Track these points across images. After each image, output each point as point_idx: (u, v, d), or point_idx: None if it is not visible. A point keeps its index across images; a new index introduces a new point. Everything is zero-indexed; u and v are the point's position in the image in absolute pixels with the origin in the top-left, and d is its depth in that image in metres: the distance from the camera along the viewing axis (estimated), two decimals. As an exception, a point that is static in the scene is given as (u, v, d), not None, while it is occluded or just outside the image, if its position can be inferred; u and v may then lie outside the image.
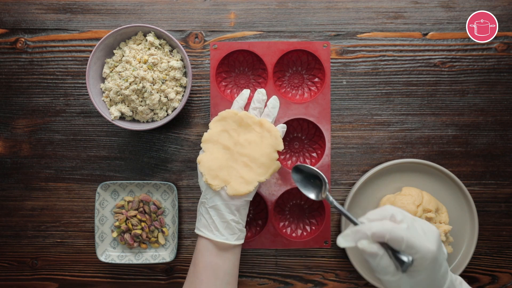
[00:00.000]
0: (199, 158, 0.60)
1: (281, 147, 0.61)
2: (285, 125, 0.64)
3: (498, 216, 0.73)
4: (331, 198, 0.55)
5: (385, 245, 0.44)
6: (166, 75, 0.65)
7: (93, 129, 0.73)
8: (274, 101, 0.64)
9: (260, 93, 0.64)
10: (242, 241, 0.60)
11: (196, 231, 0.60)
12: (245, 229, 0.61)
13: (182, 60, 0.67)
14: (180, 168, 0.73)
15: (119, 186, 0.72)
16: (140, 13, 0.72)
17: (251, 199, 0.61)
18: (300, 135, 0.74)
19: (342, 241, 0.45)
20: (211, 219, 0.58)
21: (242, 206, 0.60)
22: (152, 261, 0.71)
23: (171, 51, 0.68)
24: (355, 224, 0.47)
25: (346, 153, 0.73)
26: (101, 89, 0.67)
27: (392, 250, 0.44)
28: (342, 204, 0.72)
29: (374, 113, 0.73)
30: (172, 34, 0.69)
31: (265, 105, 0.65)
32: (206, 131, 0.62)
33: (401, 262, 0.43)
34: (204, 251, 0.58)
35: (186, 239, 0.73)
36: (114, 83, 0.65)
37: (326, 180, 0.59)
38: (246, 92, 0.65)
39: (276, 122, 0.71)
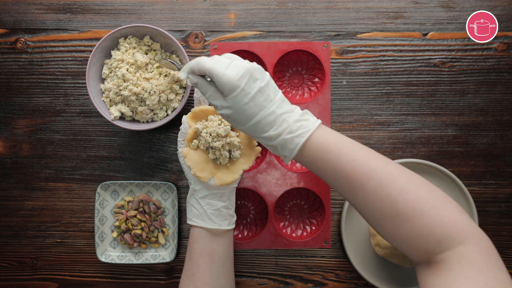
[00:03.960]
0: (185, 152, 0.61)
1: None
2: None
3: (498, 216, 0.73)
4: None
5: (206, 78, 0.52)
6: (169, 83, 0.66)
7: (93, 129, 0.73)
8: None
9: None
10: (233, 226, 0.62)
11: (189, 221, 0.62)
12: (235, 213, 0.63)
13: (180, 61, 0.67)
14: (180, 168, 0.73)
15: (119, 186, 0.72)
16: (140, 13, 0.72)
17: (237, 185, 0.63)
18: (300, 135, 0.74)
19: (181, 73, 0.53)
20: (202, 208, 0.60)
21: (230, 192, 0.62)
22: (152, 261, 0.71)
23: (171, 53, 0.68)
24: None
25: (346, 153, 0.73)
26: (101, 89, 0.67)
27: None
28: (342, 205, 0.72)
29: (374, 113, 0.73)
30: (172, 34, 0.69)
31: None
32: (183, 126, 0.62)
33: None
34: (199, 238, 0.60)
35: (186, 239, 0.73)
36: (113, 84, 0.65)
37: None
38: (183, 120, 0.62)
39: None
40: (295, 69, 0.74)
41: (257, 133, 0.50)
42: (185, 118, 0.62)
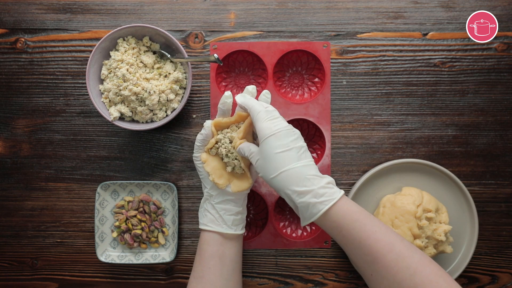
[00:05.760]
0: (204, 157, 0.62)
1: None
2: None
3: (498, 216, 0.73)
4: None
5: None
6: (169, 83, 0.66)
7: (93, 129, 0.73)
8: (265, 96, 0.61)
9: (245, 96, 0.60)
10: (244, 230, 0.64)
11: (202, 226, 0.62)
12: (245, 218, 0.65)
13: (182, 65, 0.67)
14: (180, 168, 0.73)
15: (119, 186, 0.72)
16: (140, 13, 0.72)
17: (249, 190, 0.64)
18: (300, 135, 0.74)
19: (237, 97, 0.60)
20: (218, 214, 0.61)
21: (244, 197, 0.63)
22: (152, 261, 0.71)
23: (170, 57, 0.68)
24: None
25: (346, 153, 0.73)
26: (100, 90, 0.67)
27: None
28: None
29: (374, 113, 0.73)
30: (172, 34, 0.69)
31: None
32: (204, 131, 0.62)
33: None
34: (210, 240, 0.61)
35: (186, 239, 0.73)
36: (112, 84, 0.65)
37: None
38: (226, 96, 0.61)
39: None
40: (295, 69, 0.74)
41: (283, 187, 0.53)
42: (209, 123, 0.61)
